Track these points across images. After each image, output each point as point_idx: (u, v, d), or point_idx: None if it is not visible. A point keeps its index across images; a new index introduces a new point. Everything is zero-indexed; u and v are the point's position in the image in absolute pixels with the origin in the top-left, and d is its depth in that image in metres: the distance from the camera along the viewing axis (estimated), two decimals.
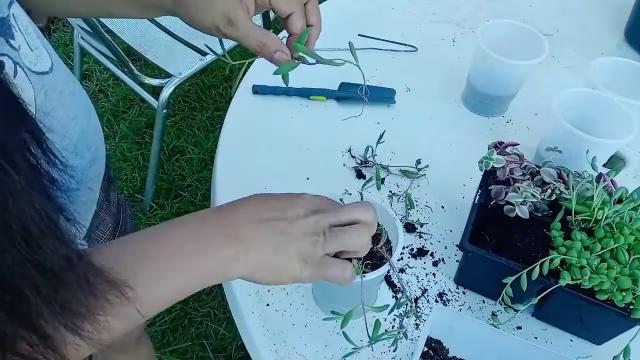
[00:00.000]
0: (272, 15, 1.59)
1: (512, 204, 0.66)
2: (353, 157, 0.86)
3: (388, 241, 0.61)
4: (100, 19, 1.57)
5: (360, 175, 0.84)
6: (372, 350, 0.65)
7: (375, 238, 0.62)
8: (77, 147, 0.55)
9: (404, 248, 0.75)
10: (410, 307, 0.57)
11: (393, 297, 0.70)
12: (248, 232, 0.47)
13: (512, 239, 0.69)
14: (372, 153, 0.85)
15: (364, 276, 0.55)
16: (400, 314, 0.57)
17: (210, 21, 0.51)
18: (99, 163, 0.62)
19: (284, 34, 0.96)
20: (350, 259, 0.52)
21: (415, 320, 0.68)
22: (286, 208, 0.49)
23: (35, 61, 0.48)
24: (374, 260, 0.59)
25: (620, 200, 0.65)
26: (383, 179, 0.83)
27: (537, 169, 0.70)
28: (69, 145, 0.53)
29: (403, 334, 0.56)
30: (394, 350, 0.62)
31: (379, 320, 0.55)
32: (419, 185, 0.83)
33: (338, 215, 0.51)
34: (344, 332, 0.54)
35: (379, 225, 0.62)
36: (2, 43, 0.44)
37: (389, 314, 0.55)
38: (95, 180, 0.62)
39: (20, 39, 0.47)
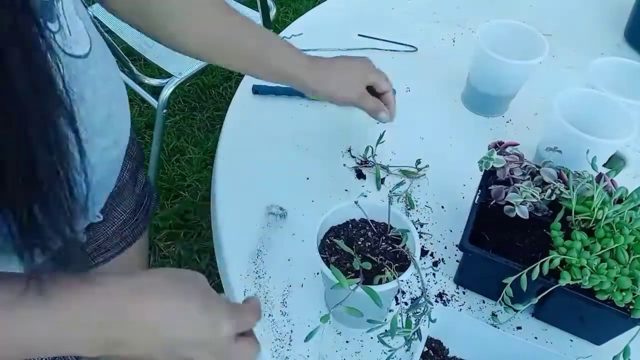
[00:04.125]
0: (272, 15, 1.59)
1: (512, 204, 0.66)
2: (353, 157, 0.86)
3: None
4: (99, 18, 1.58)
5: (360, 175, 0.84)
6: (371, 351, 0.65)
7: (386, 237, 0.62)
8: (101, 128, 0.56)
9: None
10: (427, 308, 0.57)
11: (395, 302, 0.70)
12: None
13: (512, 239, 0.69)
14: (372, 153, 0.85)
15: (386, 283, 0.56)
16: (416, 312, 0.57)
17: (349, 98, 0.76)
18: (121, 148, 0.64)
19: (283, 33, 0.96)
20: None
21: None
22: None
23: (72, 45, 0.50)
24: (395, 263, 0.60)
25: (620, 200, 0.65)
26: (383, 179, 0.83)
27: (537, 169, 0.70)
28: (93, 123, 0.55)
29: (416, 333, 0.56)
30: (407, 350, 0.62)
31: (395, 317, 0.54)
32: (419, 185, 0.83)
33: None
34: (381, 337, 0.54)
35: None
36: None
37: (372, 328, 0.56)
38: (116, 163, 0.64)
39: (62, 22, 0.48)
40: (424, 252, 0.75)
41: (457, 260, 0.74)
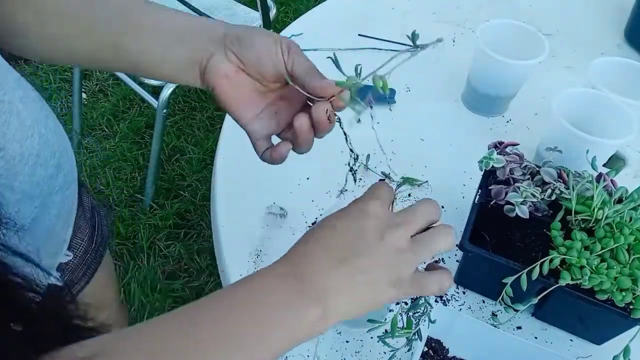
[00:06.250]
0: (272, 15, 1.59)
1: (512, 203, 0.66)
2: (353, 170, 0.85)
3: None
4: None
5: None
6: (371, 351, 0.65)
7: None
8: (39, 157, 0.51)
9: None
10: (427, 309, 0.57)
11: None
12: (329, 281, 0.42)
13: (512, 239, 0.69)
14: (366, 162, 0.84)
15: None
16: (416, 312, 0.57)
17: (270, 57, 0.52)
18: (66, 169, 0.58)
19: (284, 33, 0.94)
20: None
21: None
22: (358, 237, 0.44)
23: None
24: None
25: (620, 200, 0.65)
26: (383, 179, 0.83)
27: (537, 169, 0.70)
28: (30, 157, 0.50)
29: (416, 334, 0.56)
30: (408, 351, 0.62)
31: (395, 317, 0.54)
32: (419, 185, 0.83)
33: (414, 225, 0.46)
34: (381, 338, 0.54)
35: None
36: None
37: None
38: (65, 188, 0.58)
39: None
40: None
41: (457, 260, 0.74)
